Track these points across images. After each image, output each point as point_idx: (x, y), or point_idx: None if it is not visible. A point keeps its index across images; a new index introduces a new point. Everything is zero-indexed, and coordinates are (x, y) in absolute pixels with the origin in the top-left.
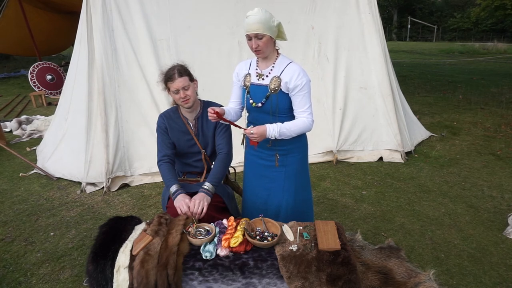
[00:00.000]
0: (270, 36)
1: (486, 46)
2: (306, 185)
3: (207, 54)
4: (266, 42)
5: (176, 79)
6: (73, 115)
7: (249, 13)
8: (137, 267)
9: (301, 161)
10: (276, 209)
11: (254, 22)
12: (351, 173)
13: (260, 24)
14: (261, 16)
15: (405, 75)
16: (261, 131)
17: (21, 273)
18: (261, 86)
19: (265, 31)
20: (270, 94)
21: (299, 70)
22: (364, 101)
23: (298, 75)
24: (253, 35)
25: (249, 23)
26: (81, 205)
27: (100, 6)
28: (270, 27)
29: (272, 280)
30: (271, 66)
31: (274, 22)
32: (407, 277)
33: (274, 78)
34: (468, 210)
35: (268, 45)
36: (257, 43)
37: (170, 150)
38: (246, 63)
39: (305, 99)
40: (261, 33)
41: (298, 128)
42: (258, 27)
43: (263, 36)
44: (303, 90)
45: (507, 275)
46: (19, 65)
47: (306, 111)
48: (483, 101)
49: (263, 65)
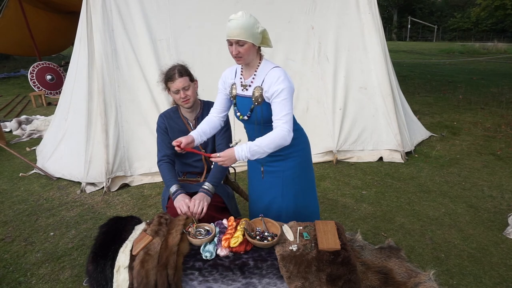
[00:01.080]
0: (252, 43)
1: (486, 46)
2: (308, 190)
3: (207, 54)
4: (247, 49)
5: (176, 79)
6: (73, 115)
7: (232, 16)
8: (137, 267)
9: (300, 165)
10: (276, 214)
11: (236, 28)
12: (351, 173)
13: (242, 30)
14: (244, 21)
15: (405, 75)
16: (229, 155)
17: (21, 273)
18: (246, 98)
19: (247, 37)
20: (254, 107)
21: (279, 76)
22: (364, 101)
23: (276, 80)
24: (234, 41)
25: (230, 27)
26: (81, 205)
27: (100, 6)
28: (253, 33)
29: (272, 280)
30: (253, 75)
31: (258, 28)
32: (407, 277)
33: (256, 89)
34: (468, 210)
35: (249, 52)
36: (238, 49)
37: (170, 150)
38: (231, 70)
39: (282, 106)
40: (242, 39)
41: (271, 142)
42: (240, 32)
43: (244, 43)
44: (280, 96)
45: (507, 275)
46: (19, 65)
47: (282, 119)
48: (483, 101)
49: (246, 73)
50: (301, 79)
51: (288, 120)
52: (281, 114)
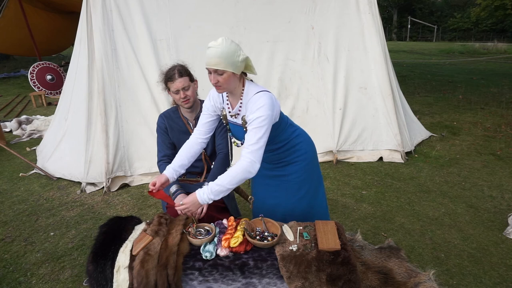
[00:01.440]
0: (232, 72)
1: (486, 46)
2: (315, 191)
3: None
4: (226, 79)
5: (176, 79)
6: (73, 115)
7: (211, 44)
8: (137, 267)
9: (305, 168)
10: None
11: (214, 56)
12: (351, 173)
13: (221, 59)
14: (223, 49)
15: (405, 75)
16: (192, 200)
17: (21, 273)
18: (237, 126)
19: (226, 67)
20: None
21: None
22: (364, 101)
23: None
24: (213, 69)
25: (208, 56)
26: (81, 205)
27: (100, 6)
28: (233, 62)
29: (272, 280)
30: (238, 104)
31: (239, 56)
32: (407, 277)
33: (243, 117)
34: (468, 210)
35: (229, 81)
36: (217, 78)
37: (170, 150)
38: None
39: (253, 135)
40: (221, 69)
41: (233, 178)
42: (218, 61)
43: (223, 72)
44: (253, 124)
45: (507, 275)
46: (19, 65)
47: (248, 149)
48: (483, 101)
49: (232, 101)
50: (301, 79)
51: (254, 150)
52: (249, 143)
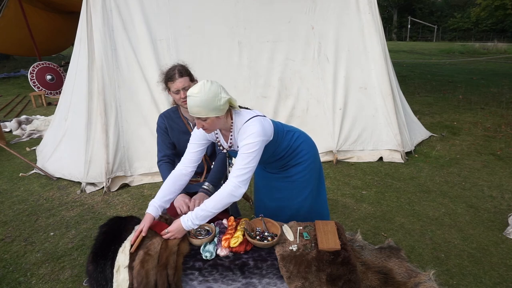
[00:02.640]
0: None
1: (486, 46)
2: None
3: (207, 54)
4: (211, 123)
5: (176, 79)
6: (73, 115)
7: (190, 92)
8: (137, 267)
9: (309, 168)
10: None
11: (194, 106)
12: (351, 173)
13: (200, 108)
14: (202, 97)
15: (405, 75)
16: (177, 227)
17: (21, 273)
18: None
19: (208, 113)
20: None
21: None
22: (364, 101)
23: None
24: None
25: (189, 105)
26: (81, 205)
27: (100, 6)
28: (215, 107)
29: (272, 280)
30: (230, 137)
31: (220, 100)
32: (407, 277)
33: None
34: (468, 210)
35: (214, 124)
36: (202, 123)
37: (170, 150)
38: None
39: (241, 159)
40: (203, 116)
41: (218, 202)
42: (199, 111)
43: (206, 118)
44: (243, 150)
45: (507, 275)
46: (19, 65)
47: (234, 173)
48: (483, 101)
49: (225, 133)
50: (301, 79)
51: (240, 174)
52: (236, 167)
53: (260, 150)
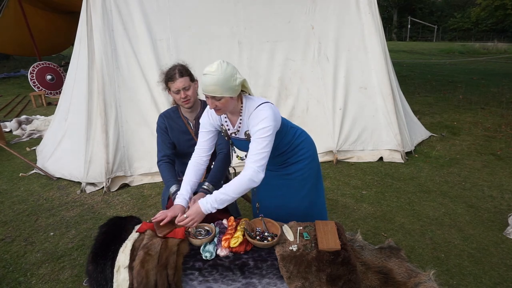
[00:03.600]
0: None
1: (486, 46)
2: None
3: (207, 54)
4: (224, 103)
5: (177, 79)
6: (73, 115)
7: (206, 70)
8: (137, 267)
9: (308, 166)
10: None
11: (210, 84)
12: (351, 173)
13: (217, 86)
14: (219, 76)
15: (405, 75)
16: (196, 211)
17: (21, 273)
18: (241, 140)
19: (223, 93)
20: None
21: (260, 116)
22: (364, 101)
23: (255, 122)
24: (210, 96)
25: (204, 83)
26: (81, 205)
27: (100, 6)
28: (230, 87)
29: (272, 280)
30: (238, 121)
31: (236, 80)
32: (407, 277)
33: (246, 133)
34: (468, 210)
35: (228, 104)
36: (215, 103)
37: (170, 150)
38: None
39: (256, 144)
40: (218, 95)
41: (239, 187)
42: (215, 89)
43: (221, 97)
44: (258, 135)
45: (507, 275)
46: (19, 65)
47: (252, 158)
48: (483, 101)
49: (232, 118)
50: (301, 79)
51: (258, 159)
52: (253, 152)
53: (273, 135)
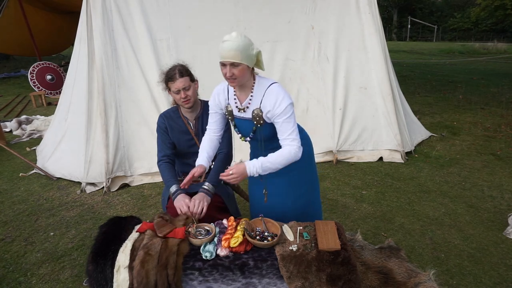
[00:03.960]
0: (247, 65)
1: (486, 46)
2: (312, 188)
3: (207, 54)
4: (241, 71)
5: (177, 79)
6: (73, 115)
7: (226, 37)
8: (137, 267)
9: (304, 165)
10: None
11: (231, 49)
12: (351, 173)
13: (237, 52)
14: (239, 42)
15: (405, 75)
16: (241, 171)
17: (21, 273)
18: (245, 120)
19: (242, 59)
20: (256, 129)
21: (278, 94)
22: (364, 101)
23: (275, 102)
24: (229, 62)
25: (225, 49)
26: (81, 205)
27: (100, 6)
28: (249, 55)
29: (272, 280)
30: (249, 97)
31: (253, 50)
32: (407, 277)
33: (255, 111)
34: (468, 210)
35: (244, 74)
36: (232, 71)
37: (170, 150)
38: (223, 89)
39: (287, 124)
40: (237, 61)
41: (284, 159)
42: (235, 54)
43: (239, 64)
44: (283, 115)
45: (507, 275)
46: (19, 65)
47: (289, 138)
48: (483, 101)
49: (241, 95)
50: (301, 79)
51: (295, 137)
52: (288, 133)
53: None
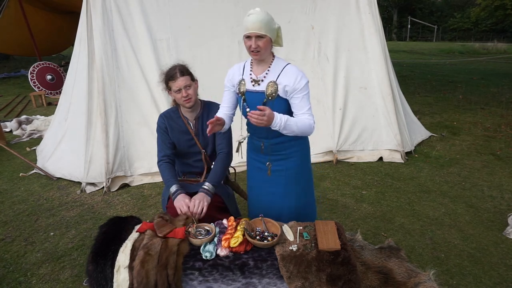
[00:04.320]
0: (270, 38)
1: (486, 46)
2: (308, 188)
3: (207, 54)
4: (265, 43)
5: (178, 78)
6: (73, 115)
7: (251, 11)
8: (137, 267)
9: (301, 166)
10: (278, 213)
11: (256, 21)
12: (351, 173)
13: (262, 24)
14: (264, 16)
15: (405, 75)
16: (270, 117)
17: (21, 273)
18: (257, 93)
19: (266, 31)
20: (266, 101)
21: (297, 72)
22: (364, 101)
23: (296, 78)
24: (254, 34)
25: (251, 21)
26: (81, 205)
27: (100, 6)
28: (272, 29)
29: (272, 280)
30: (266, 70)
31: (275, 24)
32: (407, 277)
33: (270, 84)
34: (468, 210)
35: (267, 46)
36: (257, 43)
37: (170, 150)
38: (239, 66)
39: (305, 101)
40: (263, 33)
41: (303, 126)
42: (260, 26)
43: (264, 36)
44: (303, 91)
45: (507, 275)
46: (19, 65)
47: (307, 113)
48: (483, 101)
49: (257, 69)
50: None
51: (311, 113)
52: (305, 109)
53: None
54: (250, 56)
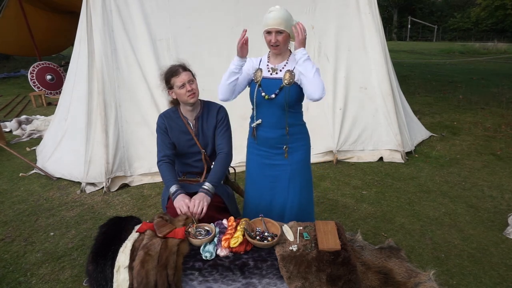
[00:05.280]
0: (288, 33)
1: (486, 46)
2: (309, 185)
3: (207, 54)
4: (285, 38)
5: (181, 73)
6: (73, 115)
7: (272, 8)
8: (137, 267)
9: (305, 161)
10: (280, 209)
11: (277, 18)
12: (351, 173)
13: (282, 20)
14: (284, 13)
15: (405, 75)
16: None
17: (21, 273)
18: (274, 80)
19: (286, 27)
20: (283, 86)
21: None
22: (364, 101)
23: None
24: (275, 30)
25: (272, 17)
26: (81, 205)
27: (100, 6)
28: (290, 25)
29: (272, 280)
30: (284, 62)
31: (293, 21)
32: (407, 277)
33: (287, 72)
34: (468, 210)
35: (286, 41)
36: (277, 38)
37: (170, 150)
38: (256, 59)
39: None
40: (282, 28)
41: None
42: (280, 22)
43: (284, 31)
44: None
45: (507, 275)
46: (19, 65)
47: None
48: (483, 101)
49: (276, 61)
50: None
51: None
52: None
53: None
54: (270, 49)
